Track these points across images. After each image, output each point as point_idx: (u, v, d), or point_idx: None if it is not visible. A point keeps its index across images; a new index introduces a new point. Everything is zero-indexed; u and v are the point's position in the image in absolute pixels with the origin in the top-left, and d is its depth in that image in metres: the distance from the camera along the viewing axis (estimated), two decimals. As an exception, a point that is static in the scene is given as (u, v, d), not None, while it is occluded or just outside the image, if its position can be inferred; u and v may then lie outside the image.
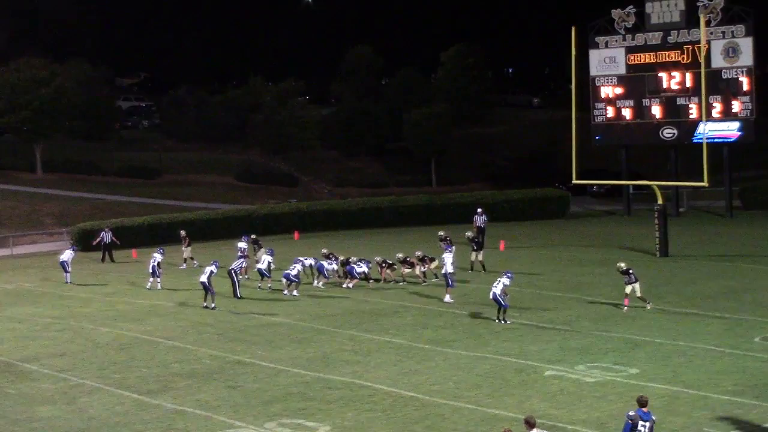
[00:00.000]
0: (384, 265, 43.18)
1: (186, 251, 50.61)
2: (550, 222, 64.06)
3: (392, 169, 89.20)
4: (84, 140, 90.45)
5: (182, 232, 51.79)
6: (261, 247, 47.43)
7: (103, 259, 53.55)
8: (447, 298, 38.54)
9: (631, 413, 19.31)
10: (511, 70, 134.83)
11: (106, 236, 54.60)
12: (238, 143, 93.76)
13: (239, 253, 45.68)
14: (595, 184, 70.10)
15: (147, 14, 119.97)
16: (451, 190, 77.34)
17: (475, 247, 45.45)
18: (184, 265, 50.10)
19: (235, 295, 40.65)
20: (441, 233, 45.53)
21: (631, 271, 36.01)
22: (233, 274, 41.06)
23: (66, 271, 46.61)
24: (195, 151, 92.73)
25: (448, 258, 39.24)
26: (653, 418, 19.37)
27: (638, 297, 35.78)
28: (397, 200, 67.98)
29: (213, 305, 38.74)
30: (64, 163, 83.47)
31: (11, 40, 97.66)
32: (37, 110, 79.46)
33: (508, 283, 34.51)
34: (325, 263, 43.10)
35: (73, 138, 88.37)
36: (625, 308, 35.59)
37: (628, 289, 35.86)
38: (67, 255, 46.95)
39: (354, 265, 42.57)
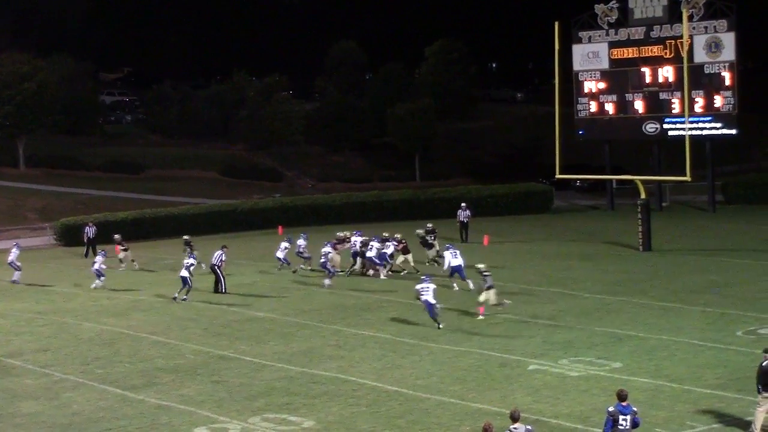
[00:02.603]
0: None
1: (123, 254, 48.87)
2: (534, 216, 64.18)
3: (376, 164, 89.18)
4: (67, 135, 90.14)
5: (116, 236, 50.23)
6: (193, 250, 44.76)
7: (86, 254, 53.40)
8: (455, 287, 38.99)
9: (611, 409, 19.39)
10: (494, 65, 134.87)
11: (90, 231, 54.51)
12: (222, 138, 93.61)
13: (299, 249, 44.81)
14: (579, 179, 70.23)
15: (131, 9, 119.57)
16: (435, 185, 77.39)
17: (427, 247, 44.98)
18: (123, 266, 48.52)
19: (218, 290, 40.58)
20: (419, 231, 45.62)
21: (486, 274, 34.25)
22: (218, 270, 41.03)
23: (17, 270, 45.81)
24: (179, 146, 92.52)
25: (448, 255, 39.19)
26: (634, 409, 19.44)
27: (493, 305, 34.14)
28: (381, 195, 68.02)
29: (185, 297, 39.02)
30: (48, 158, 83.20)
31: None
32: (20, 105, 79.16)
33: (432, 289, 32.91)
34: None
35: (56, 133, 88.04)
36: (480, 317, 33.99)
37: (483, 297, 34.13)
38: (14, 254, 46.03)
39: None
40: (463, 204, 54.17)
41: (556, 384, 26.00)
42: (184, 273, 39.05)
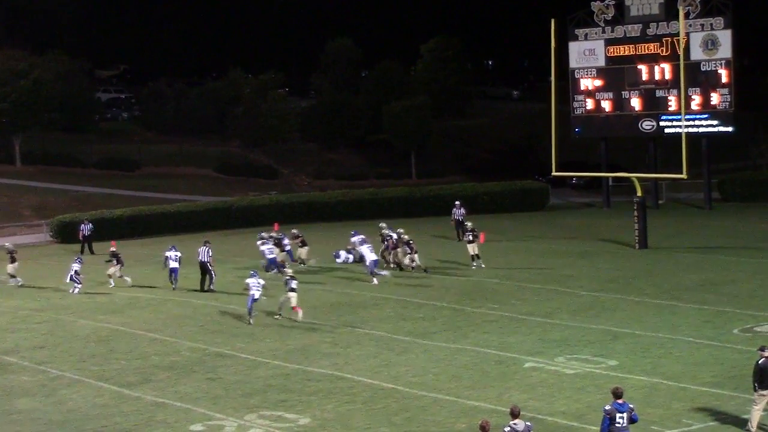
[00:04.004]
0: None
1: (10, 267, 44.21)
2: (530, 214, 64.17)
3: (372, 161, 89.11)
4: (63, 132, 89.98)
5: (8, 245, 46.92)
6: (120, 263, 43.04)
7: (82, 251, 53.30)
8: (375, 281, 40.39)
9: (607, 407, 19.41)
10: (490, 63, 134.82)
11: (85, 228, 54.46)
12: (218, 135, 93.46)
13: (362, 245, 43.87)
14: (575, 177, 70.22)
15: (125, 5, 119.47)
16: (431, 182, 77.33)
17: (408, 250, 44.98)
18: (12, 281, 44.11)
19: (204, 288, 40.48)
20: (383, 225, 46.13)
21: (291, 282, 34.79)
22: (209, 266, 41.01)
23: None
24: (174, 144, 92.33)
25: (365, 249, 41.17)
26: (631, 406, 19.46)
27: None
28: (377, 192, 67.96)
29: (174, 287, 41.12)
30: (43, 156, 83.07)
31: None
32: (15, 102, 79.04)
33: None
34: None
35: (52, 130, 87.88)
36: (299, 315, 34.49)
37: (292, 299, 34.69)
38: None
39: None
40: (457, 202, 54.08)
41: (552, 382, 26.02)
42: (174, 264, 41.36)
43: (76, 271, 42.01)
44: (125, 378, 27.94)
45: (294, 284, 34.83)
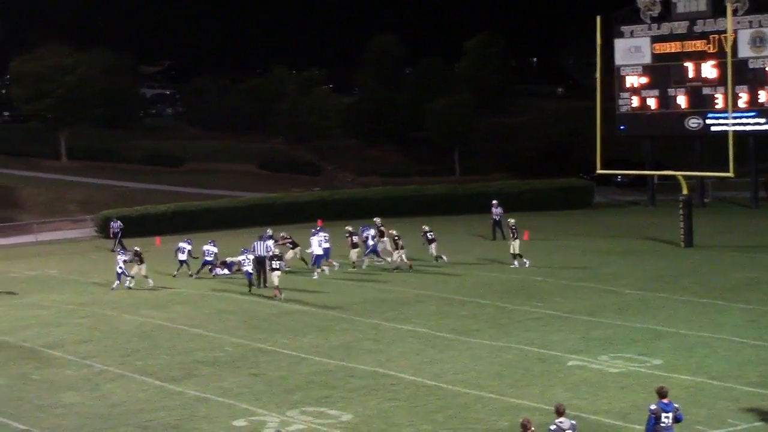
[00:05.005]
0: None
1: (137, 268, 43.48)
2: (574, 212, 63.85)
3: (414, 158, 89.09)
4: (108, 128, 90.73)
5: (136, 248, 45.04)
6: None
7: (114, 249, 53.34)
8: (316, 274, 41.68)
9: (653, 407, 19.20)
10: (534, 60, 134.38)
11: (115, 226, 54.68)
12: (261, 132, 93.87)
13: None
14: (620, 174, 69.80)
15: (170, 2, 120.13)
16: (474, 179, 77.13)
17: (427, 242, 44.85)
18: (130, 282, 42.08)
19: (260, 284, 40.27)
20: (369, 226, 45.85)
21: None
22: (268, 263, 40.28)
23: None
24: (218, 140, 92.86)
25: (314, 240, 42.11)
26: (676, 406, 19.27)
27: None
28: (419, 189, 67.88)
29: (190, 273, 43.18)
30: (88, 151, 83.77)
31: (35, 28, 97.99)
32: (61, 98, 79.78)
33: None
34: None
35: (96, 126, 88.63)
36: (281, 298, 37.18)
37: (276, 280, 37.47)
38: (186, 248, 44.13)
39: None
40: (494, 201, 53.13)
41: (596, 380, 25.84)
42: (183, 257, 43.51)
43: (121, 264, 41.88)
44: (168, 373, 28.03)
45: (276, 264, 37.73)
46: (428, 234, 44.72)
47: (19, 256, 53.84)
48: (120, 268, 41.48)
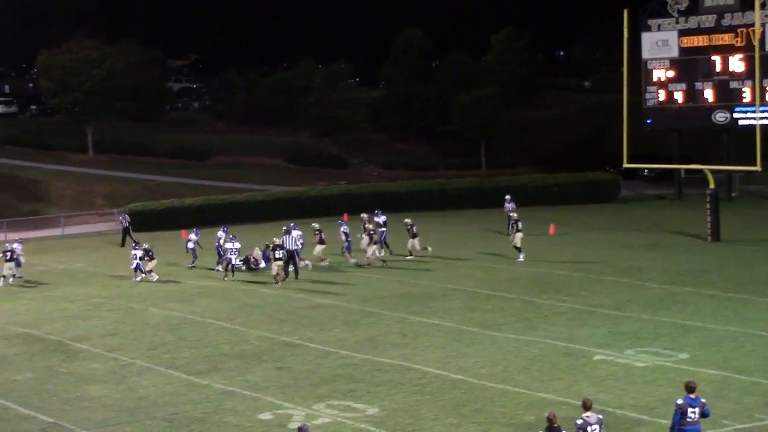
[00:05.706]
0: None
1: (150, 264, 43.54)
2: (601, 206, 63.63)
3: (441, 152, 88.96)
4: (135, 121, 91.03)
5: (145, 245, 45.43)
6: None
7: (122, 244, 53.45)
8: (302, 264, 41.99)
9: (679, 401, 19.13)
10: (562, 53, 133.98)
11: (124, 221, 54.89)
12: (288, 125, 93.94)
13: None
14: (647, 168, 69.50)
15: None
16: (501, 173, 76.94)
17: (410, 237, 45.00)
18: (139, 277, 42.91)
19: (287, 274, 40.50)
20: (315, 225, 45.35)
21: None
22: (297, 255, 41.16)
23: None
24: (244, 133, 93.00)
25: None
26: (702, 401, 19.19)
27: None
28: (447, 183, 67.76)
29: (192, 264, 44.42)
30: (115, 144, 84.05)
31: (62, 22, 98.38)
32: (88, 91, 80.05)
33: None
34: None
35: (124, 119, 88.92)
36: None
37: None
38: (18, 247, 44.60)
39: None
40: (507, 196, 52.67)
41: (622, 374, 25.78)
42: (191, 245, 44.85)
43: (139, 258, 42.34)
44: (195, 366, 28.13)
45: (279, 254, 39.01)
46: (412, 228, 44.76)
47: (46, 249, 54.13)
48: (137, 262, 42.10)
